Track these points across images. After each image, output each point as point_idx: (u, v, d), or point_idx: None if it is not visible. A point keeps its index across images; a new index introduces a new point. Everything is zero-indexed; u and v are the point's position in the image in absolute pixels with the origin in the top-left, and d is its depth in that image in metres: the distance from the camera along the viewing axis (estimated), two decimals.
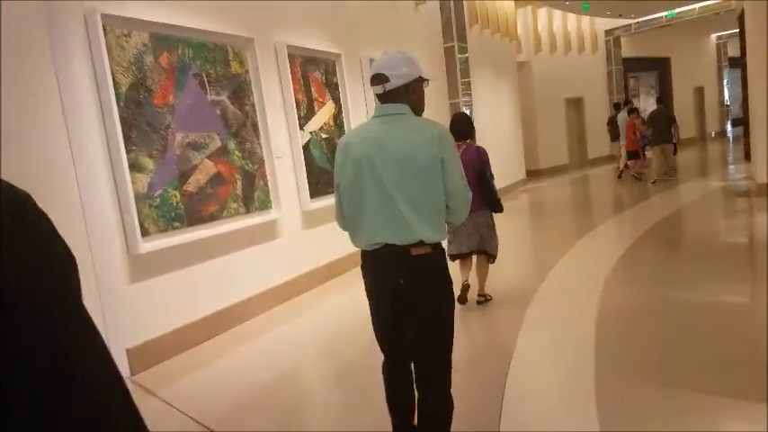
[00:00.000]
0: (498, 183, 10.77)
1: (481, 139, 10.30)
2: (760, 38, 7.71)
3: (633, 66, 19.58)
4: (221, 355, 4.29)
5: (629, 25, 17.64)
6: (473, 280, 4.70)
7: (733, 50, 23.41)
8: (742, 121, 24.62)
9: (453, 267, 2.48)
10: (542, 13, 15.85)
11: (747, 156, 13.21)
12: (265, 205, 5.26)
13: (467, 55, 9.73)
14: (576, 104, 17.38)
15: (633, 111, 12.17)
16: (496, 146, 11.90)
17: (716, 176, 11.71)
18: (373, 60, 2.21)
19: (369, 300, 2.27)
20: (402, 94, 2.10)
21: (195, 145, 4.61)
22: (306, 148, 5.80)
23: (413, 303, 2.10)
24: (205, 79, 4.75)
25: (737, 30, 21.26)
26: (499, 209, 4.46)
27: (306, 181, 5.70)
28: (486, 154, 4.43)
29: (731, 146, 18.70)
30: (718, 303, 4.31)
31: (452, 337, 2.18)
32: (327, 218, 6.04)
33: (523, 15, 15.26)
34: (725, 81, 23.55)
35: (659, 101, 12.14)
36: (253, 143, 5.18)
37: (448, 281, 2.16)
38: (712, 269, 5.13)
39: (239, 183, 5.00)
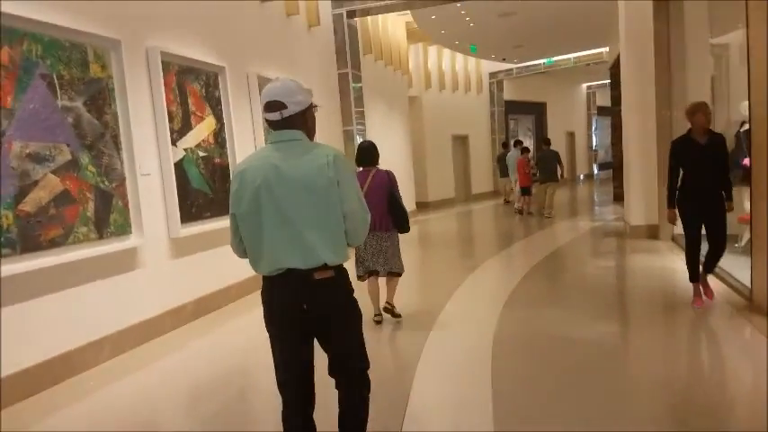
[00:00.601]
0: None
1: None
2: (634, 88, 8.25)
3: (513, 108, 20.75)
4: (52, 411, 3.46)
5: (511, 70, 18.70)
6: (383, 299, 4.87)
7: (601, 100, 25.79)
8: (609, 165, 27.13)
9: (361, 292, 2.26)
10: (433, 51, 16.27)
11: (616, 198, 14.31)
12: (123, 230, 4.50)
13: (360, 84, 9.55)
14: (462, 141, 17.95)
15: (525, 150, 13.01)
16: None
17: (590, 216, 12.41)
18: (267, 86, 2.18)
19: (269, 330, 2.21)
20: (298, 121, 2.13)
21: (38, 157, 3.83)
22: (179, 165, 5.12)
23: (317, 326, 2.14)
24: (56, 82, 4.00)
25: (607, 80, 23.47)
26: (407, 228, 4.62)
27: (176, 203, 5.00)
28: (394, 177, 4.62)
29: (598, 188, 20.25)
30: (612, 345, 4.27)
31: (364, 347, 2.27)
32: (201, 246, 5.39)
33: (415, 51, 15.55)
34: (593, 127, 25.75)
35: (547, 142, 12.84)
36: (112, 157, 4.44)
37: (352, 300, 2.22)
38: (597, 309, 5.15)
39: (91, 203, 4.22)
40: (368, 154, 4.61)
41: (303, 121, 2.15)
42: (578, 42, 15.38)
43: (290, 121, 2.11)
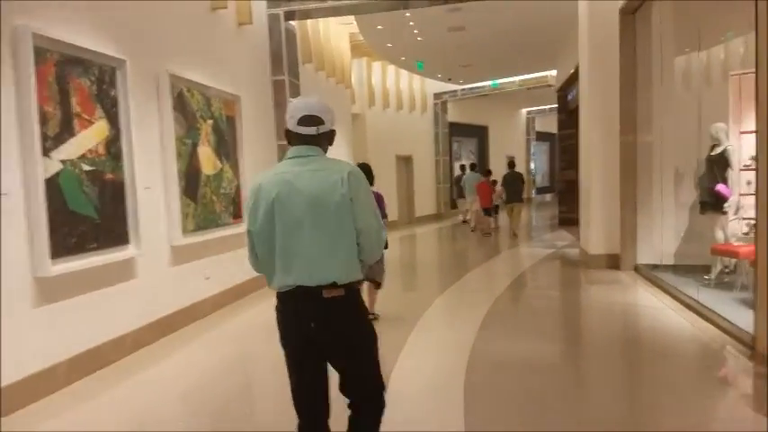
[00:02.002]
0: None
1: None
2: (596, 109, 7.65)
3: (457, 130, 20.31)
4: None
5: (456, 91, 18.24)
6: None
7: (540, 125, 25.96)
8: (546, 190, 27.34)
9: None
10: (377, 67, 15.52)
11: (562, 222, 13.92)
12: None
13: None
14: (406, 162, 17.21)
15: (488, 173, 13.90)
16: None
17: (541, 242, 11.73)
18: (301, 100, 2.23)
19: (282, 344, 2.20)
20: (326, 138, 2.19)
21: None
22: (53, 182, 3.90)
23: (327, 346, 2.12)
24: None
25: (546, 106, 23.58)
26: (385, 245, 4.76)
27: (45, 232, 3.78)
28: (382, 197, 4.93)
29: (540, 212, 19.99)
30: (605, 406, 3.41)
31: (379, 368, 2.24)
32: (83, 286, 4.16)
33: (358, 66, 14.73)
34: (532, 152, 25.80)
35: (511, 165, 13.25)
36: None
37: (363, 319, 2.21)
38: (574, 361, 4.34)
39: None
40: (365, 174, 5.05)
41: (330, 139, 2.21)
42: (526, 64, 15.03)
43: (322, 137, 2.16)
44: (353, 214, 2.06)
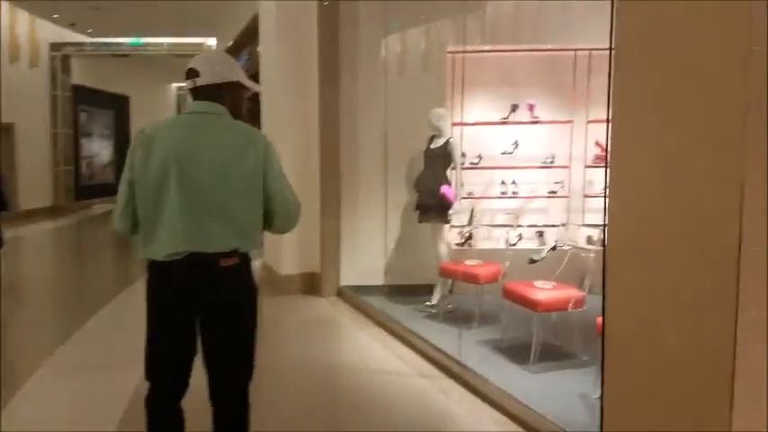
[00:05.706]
0: None
1: None
2: (288, 97, 5.72)
3: (86, 97, 15.87)
4: None
5: (84, 44, 14.01)
6: None
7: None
8: None
9: None
10: None
11: None
12: None
13: None
14: (4, 132, 12.23)
15: None
16: None
17: None
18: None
19: (152, 318, 2.03)
20: (214, 94, 2.00)
21: None
22: None
23: (216, 318, 2.00)
24: None
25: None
26: None
27: None
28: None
29: None
30: None
31: (254, 349, 2.12)
32: None
33: None
34: None
35: None
36: None
37: (254, 291, 2.11)
38: None
39: None
40: None
41: (220, 95, 2.00)
42: (178, 21, 12.17)
43: (204, 91, 1.99)
44: (267, 185, 1.95)
